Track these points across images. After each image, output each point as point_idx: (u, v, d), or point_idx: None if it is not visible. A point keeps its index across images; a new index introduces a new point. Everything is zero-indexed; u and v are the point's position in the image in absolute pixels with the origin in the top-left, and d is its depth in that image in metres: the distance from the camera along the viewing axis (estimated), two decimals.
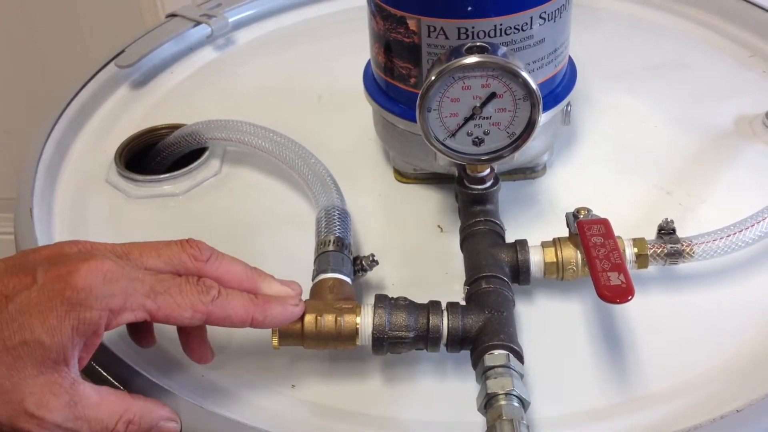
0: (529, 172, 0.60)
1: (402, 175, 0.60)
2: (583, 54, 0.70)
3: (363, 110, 0.60)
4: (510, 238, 0.50)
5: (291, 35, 0.79)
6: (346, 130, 0.65)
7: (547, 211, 0.57)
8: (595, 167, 0.61)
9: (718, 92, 0.67)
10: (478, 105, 0.48)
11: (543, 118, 0.54)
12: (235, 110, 0.68)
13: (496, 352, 0.42)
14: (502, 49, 0.48)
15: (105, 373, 0.45)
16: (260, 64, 0.75)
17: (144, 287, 0.40)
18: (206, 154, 0.62)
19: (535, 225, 0.56)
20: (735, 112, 0.65)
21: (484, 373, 0.42)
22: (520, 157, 0.56)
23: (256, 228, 0.57)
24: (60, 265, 0.39)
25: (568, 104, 0.57)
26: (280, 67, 0.74)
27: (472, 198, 0.52)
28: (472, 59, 0.46)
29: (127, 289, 0.39)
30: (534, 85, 0.46)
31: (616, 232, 0.49)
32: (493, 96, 0.47)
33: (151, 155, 0.64)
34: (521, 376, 0.42)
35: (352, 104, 0.62)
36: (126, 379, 0.45)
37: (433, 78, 0.47)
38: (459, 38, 0.50)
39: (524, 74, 0.46)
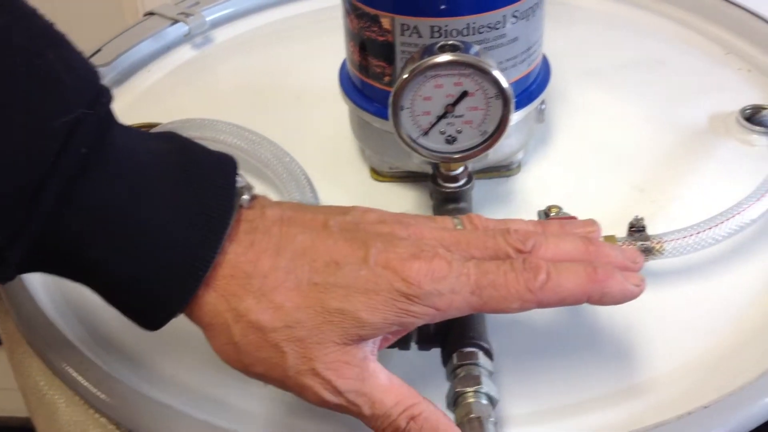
0: (503, 170, 0.60)
1: (378, 174, 0.61)
2: (559, 52, 0.70)
3: (340, 109, 0.60)
4: None
5: (269, 34, 0.79)
6: (323, 128, 0.65)
7: (521, 209, 0.57)
8: (569, 165, 0.61)
9: (693, 90, 0.68)
10: (450, 103, 0.48)
11: (517, 116, 0.55)
12: (213, 109, 0.68)
13: (466, 349, 0.42)
14: (475, 48, 0.48)
15: (74, 374, 0.45)
16: (238, 62, 0.75)
17: (469, 283, 0.38)
18: None
19: None
20: (709, 109, 0.65)
21: (453, 371, 0.42)
22: (494, 155, 0.56)
23: None
24: (394, 252, 0.38)
25: (543, 102, 0.57)
26: (258, 65, 0.74)
27: (446, 196, 0.52)
28: (443, 58, 0.46)
29: (453, 287, 0.38)
30: (505, 84, 0.47)
31: None
32: (465, 94, 0.47)
33: None
34: (490, 373, 0.42)
35: (330, 103, 0.62)
36: (95, 381, 0.45)
37: (405, 76, 0.47)
38: (432, 36, 0.50)
39: (495, 73, 0.46)
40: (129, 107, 0.70)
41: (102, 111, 0.36)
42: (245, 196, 0.39)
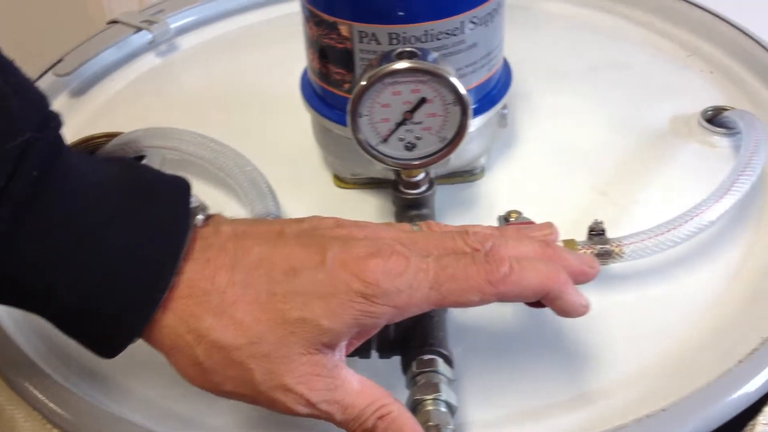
0: (467, 175, 0.60)
1: (341, 181, 0.60)
2: (524, 56, 0.71)
3: (304, 116, 0.60)
4: None
5: (234, 41, 0.79)
6: (287, 136, 0.65)
7: (485, 214, 0.57)
8: (533, 169, 0.61)
9: (656, 92, 0.68)
10: (408, 110, 0.48)
11: (478, 121, 0.55)
12: (177, 117, 0.67)
13: (425, 357, 0.42)
14: (433, 55, 0.48)
15: (33, 390, 0.45)
16: (203, 70, 0.75)
17: (428, 278, 0.38)
18: (143, 162, 0.61)
19: None
20: (672, 111, 0.66)
21: (412, 379, 0.42)
22: (456, 161, 0.56)
23: None
24: (350, 253, 0.38)
25: (505, 107, 0.58)
26: (222, 73, 0.74)
27: (408, 203, 0.52)
28: (401, 65, 0.46)
29: (412, 284, 0.38)
30: (463, 90, 0.47)
31: None
32: (423, 101, 0.47)
33: None
34: (450, 381, 0.42)
35: (294, 110, 0.62)
36: (54, 396, 0.45)
37: (363, 83, 0.47)
38: (390, 43, 0.50)
39: (453, 79, 0.46)
40: (92, 117, 0.70)
41: (51, 135, 0.36)
42: (200, 216, 0.39)
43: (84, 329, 0.37)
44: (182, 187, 0.39)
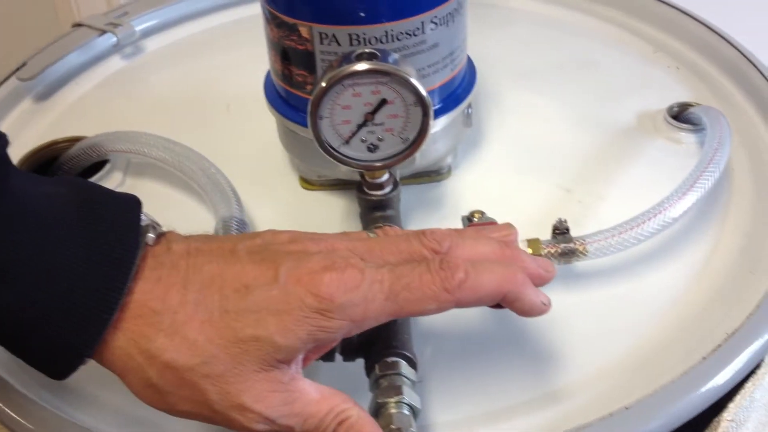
0: (433, 175, 0.60)
1: (307, 182, 0.60)
2: (491, 54, 0.71)
3: (270, 118, 0.59)
4: None
5: (200, 43, 0.78)
6: (254, 138, 0.64)
7: (451, 214, 0.57)
8: (500, 168, 0.61)
9: (623, 89, 0.68)
10: (369, 111, 0.47)
11: (443, 121, 0.55)
12: (143, 120, 0.67)
13: (389, 359, 0.42)
14: (393, 56, 0.48)
15: None
16: (168, 72, 0.74)
17: (383, 289, 0.38)
18: (107, 166, 0.61)
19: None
20: (638, 108, 0.66)
21: (375, 381, 0.42)
22: (422, 161, 0.56)
23: None
24: (304, 268, 0.37)
25: (469, 106, 0.57)
26: (189, 75, 0.74)
27: (372, 204, 0.52)
28: (360, 66, 0.46)
29: (366, 296, 0.37)
30: (423, 91, 0.46)
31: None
32: (383, 102, 0.47)
33: (53, 170, 0.62)
34: (413, 383, 0.42)
35: (260, 112, 0.61)
36: (15, 405, 0.44)
37: (323, 85, 0.46)
38: (351, 44, 0.50)
39: (413, 80, 0.46)
40: (56, 121, 0.69)
41: None
42: (150, 234, 0.38)
43: (33, 352, 0.37)
44: (132, 206, 0.39)
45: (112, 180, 0.61)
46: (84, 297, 0.35)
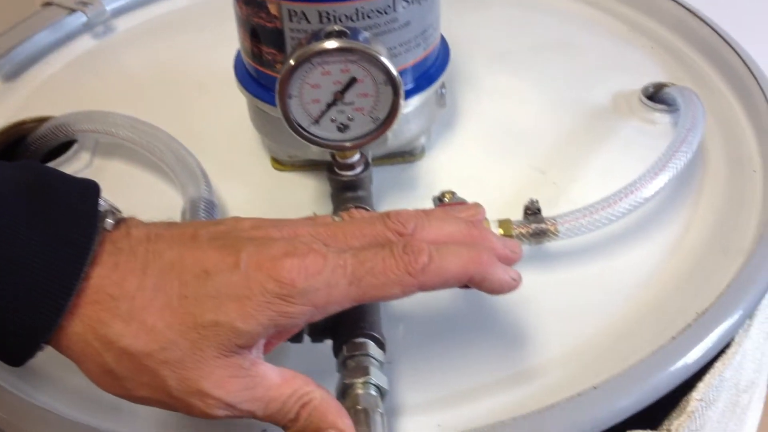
0: (407, 155, 0.59)
1: (279, 163, 0.59)
2: (467, 35, 0.70)
3: (242, 98, 0.59)
4: None
5: (172, 22, 0.77)
6: (225, 118, 0.64)
7: (425, 195, 0.56)
8: (474, 149, 0.61)
9: (598, 69, 0.68)
10: (339, 90, 0.47)
11: (416, 100, 0.54)
12: (113, 100, 0.66)
13: (356, 340, 0.42)
14: (364, 34, 0.47)
15: None
16: (140, 51, 0.73)
17: (346, 274, 0.37)
18: (75, 146, 0.60)
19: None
20: (613, 88, 0.65)
21: (343, 362, 0.41)
22: (395, 141, 0.56)
23: None
24: (266, 254, 0.37)
25: (443, 86, 0.57)
26: (160, 54, 0.73)
27: (343, 185, 0.52)
28: (329, 44, 0.45)
29: (329, 281, 0.37)
30: (393, 70, 0.46)
31: (489, 214, 0.49)
32: (353, 81, 0.47)
33: (21, 150, 0.61)
34: (381, 364, 0.41)
35: (232, 92, 0.61)
36: None
37: (291, 63, 0.46)
38: (321, 22, 0.49)
39: (383, 59, 0.45)
40: (25, 101, 0.68)
41: None
42: (109, 220, 0.37)
43: None
44: (90, 191, 0.38)
45: (80, 160, 0.60)
46: (40, 283, 0.35)
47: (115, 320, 0.35)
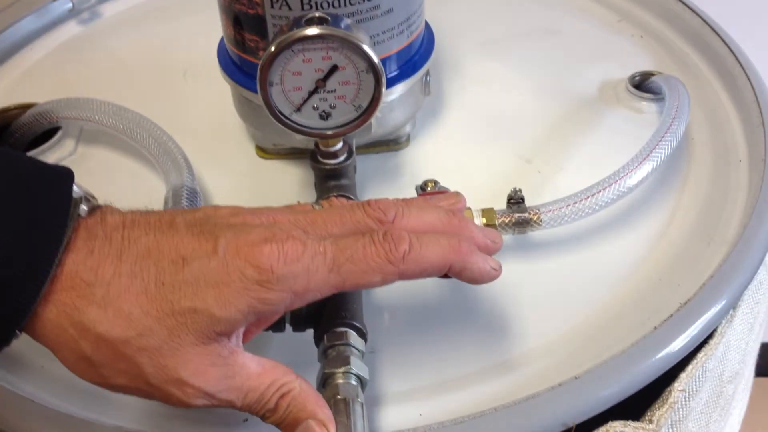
0: (392, 144, 0.59)
1: (263, 151, 0.59)
2: (453, 22, 0.70)
3: (227, 86, 0.58)
4: None
5: (158, 8, 0.76)
6: (210, 106, 0.63)
7: (409, 184, 0.56)
8: (459, 137, 0.60)
9: (586, 58, 0.68)
10: (320, 78, 0.46)
11: (401, 88, 0.54)
12: (99, 87, 0.66)
13: (337, 329, 0.42)
14: (346, 21, 0.47)
15: None
16: (126, 38, 0.73)
17: (326, 261, 0.37)
18: (59, 134, 0.60)
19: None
20: (600, 77, 0.65)
21: (324, 352, 0.41)
22: (379, 129, 0.55)
23: None
24: (244, 240, 0.36)
25: (428, 74, 0.57)
26: (146, 41, 0.72)
27: (326, 173, 0.51)
28: (310, 31, 0.45)
29: (308, 268, 0.36)
30: (375, 58, 0.45)
31: (473, 203, 0.49)
32: (335, 69, 0.46)
33: (5, 137, 0.61)
34: (362, 354, 0.41)
35: (217, 80, 0.60)
36: None
37: (271, 50, 0.45)
38: (303, 9, 0.49)
39: (364, 46, 0.45)
40: (10, 88, 0.67)
41: None
42: (83, 206, 0.37)
43: None
44: (64, 177, 0.37)
45: (64, 147, 0.60)
46: (13, 270, 0.34)
47: (91, 307, 0.35)
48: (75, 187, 0.37)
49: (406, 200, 0.42)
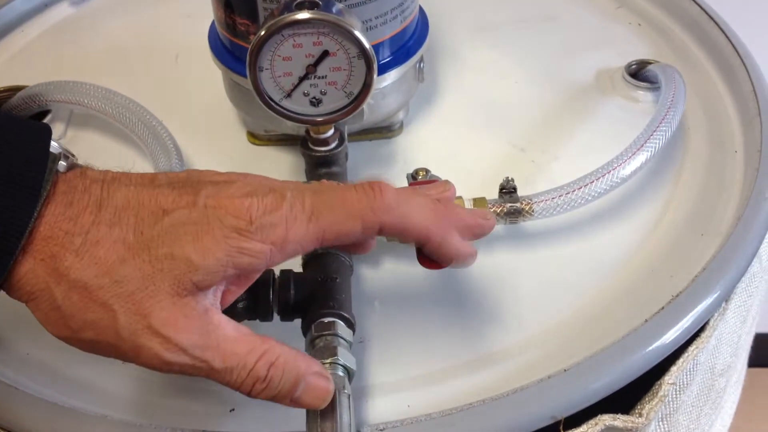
0: (384, 131, 0.58)
1: (255, 137, 0.58)
2: (448, 8, 0.69)
3: (218, 70, 0.57)
4: None
5: None
6: (201, 90, 0.63)
7: (402, 172, 0.55)
8: (453, 125, 0.60)
9: (582, 46, 0.67)
10: (311, 63, 0.46)
11: (394, 74, 0.53)
12: (90, 70, 0.65)
13: (325, 320, 0.41)
14: (337, 5, 0.46)
15: None
16: (118, 21, 0.72)
17: (305, 209, 0.36)
18: (48, 117, 0.59)
19: None
20: (597, 65, 0.64)
21: (311, 342, 0.41)
22: (372, 116, 0.55)
23: None
24: (225, 193, 0.36)
25: (421, 60, 0.56)
26: (138, 24, 0.71)
27: (317, 160, 0.51)
28: (300, 15, 0.44)
29: (287, 217, 0.36)
30: (366, 43, 0.45)
31: (466, 192, 0.48)
32: (325, 54, 0.45)
33: None
34: (350, 344, 0.41)
35: (209, 64, 0.60)
36: None
37: (261, 34, 0.45)
38: None
39: (355, 32, 0.44)
40: (1, 70, 0.67)
41: None
42: (62, 162, 0.37)
43: None
44: (42, 133, 0.37)
45: (54, 131, 0.56)
46: None
47: (68, 253, 0.35)
48: (53, 143, 0.37)
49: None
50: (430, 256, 0.40)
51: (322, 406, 0.38)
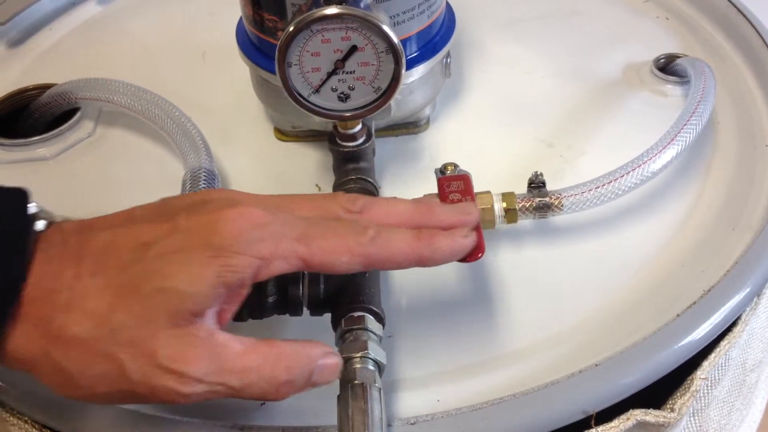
0: (411, 126, 0.58)
1: (282, 133, 0.59)
2: (475, 3, 0.69)
3: (246, 67, 0.58)
4: (391, 195, 0.49)
5: None
6: (229, 87, 0.63)
7: (429, 168, 0.56)
8: (480, 120, 0.60)
9: (609, 40, 0.66)
10: (339, 59, 0.46)
11: (421, 69, 0.53)
12: (117, 67, 0.65)
13: (355, 314, 0.41)
14: (365, 0, 0.46)
15: None
16: (145, 18, 0.72)
17: (295, 231, 0.36)
18: (78, 115, 0.59)
19: (416, 182, 0.54)
20: (624, 60, 0.64)
21: (341, 336, 0.41)
22: (399, 112, 0.55)
23: (131, 192, 0.55)
24: (203, 211, 0.35)
25: (448, 56, 0.56)
26: (165, 21, 0.72)
27: (344, 156, 0.51)
28: (329, 10, 0.44)
29: (276, 234, 0.35)
30: (395, 38, 0.45)
31: (494, 187, 0.48)
32: (354, 49, 0.46)
33: (23, 117, 0.61)
34: (380, 338, 0.41)
35: (236, 61, 0.60)
36: None
37: (290, 30, 0.45)
38: None
39: (384, 27, 0.44)
40: (29, 68, 0.67)
41: None
42: (39, 223, 0.36)
43: None
44: (18, 197, 0.36)
45: (83, 128, 0.60)
46: None
47: (57, 312, 0.34)
48: (30, 205, 0.36)
49: (376, 197, 0.42)
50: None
51: (335, 380, 0.38)
